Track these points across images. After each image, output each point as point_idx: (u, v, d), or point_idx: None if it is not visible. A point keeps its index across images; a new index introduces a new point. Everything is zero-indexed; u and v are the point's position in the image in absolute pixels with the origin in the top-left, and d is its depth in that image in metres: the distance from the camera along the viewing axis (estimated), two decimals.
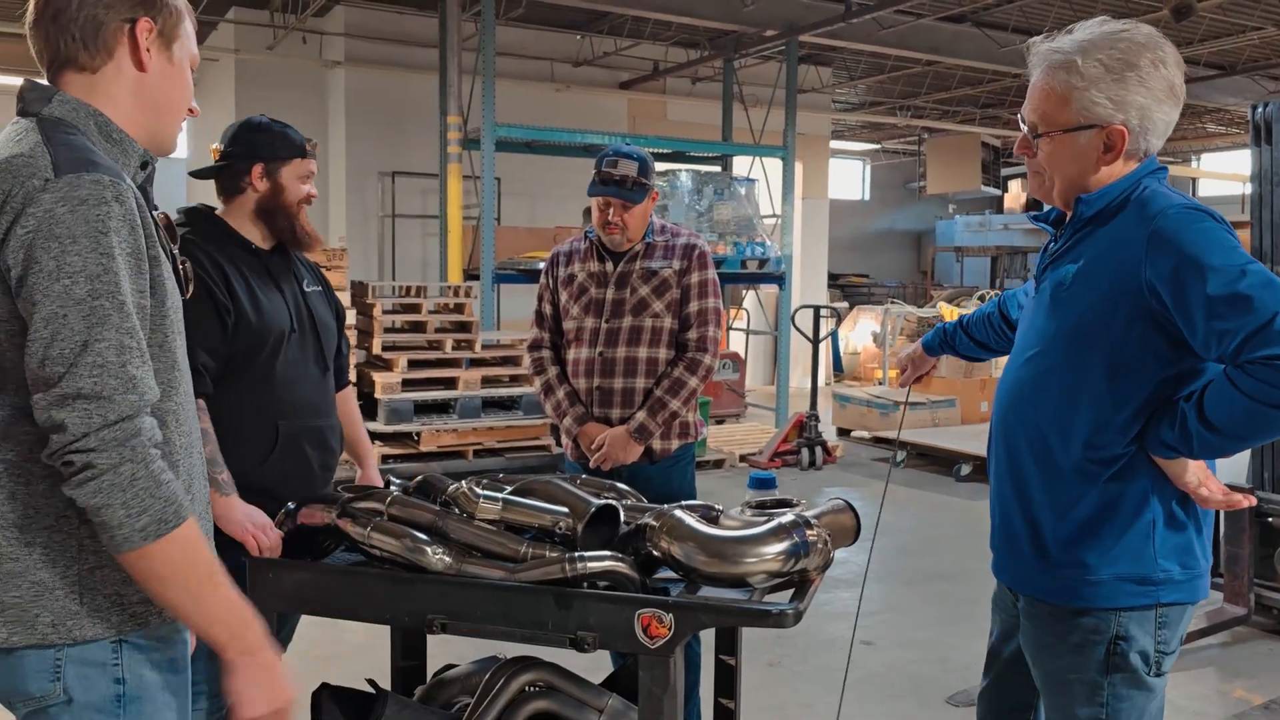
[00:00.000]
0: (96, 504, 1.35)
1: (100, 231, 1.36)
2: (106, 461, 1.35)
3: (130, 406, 1.37)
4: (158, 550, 1.39)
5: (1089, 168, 1.82)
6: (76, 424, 1.34)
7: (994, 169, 18.12)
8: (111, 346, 1.36)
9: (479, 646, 2.55)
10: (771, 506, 2.14)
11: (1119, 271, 1.75)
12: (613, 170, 3.03)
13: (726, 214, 8.91)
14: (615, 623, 1.88)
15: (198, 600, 1.44)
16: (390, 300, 7.29)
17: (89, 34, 1.49)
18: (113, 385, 1.36)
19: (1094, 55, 1.77)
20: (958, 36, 10.78)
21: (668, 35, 11.30)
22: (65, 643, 1.43)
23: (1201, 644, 4.31)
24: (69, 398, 1.34)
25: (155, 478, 1.38)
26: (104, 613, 1.44)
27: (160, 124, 1.58)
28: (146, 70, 1.53)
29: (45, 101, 1.48)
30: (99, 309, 1.36)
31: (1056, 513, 1.84)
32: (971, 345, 2.41)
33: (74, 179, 1.37)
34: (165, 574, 1.41)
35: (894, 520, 6.58)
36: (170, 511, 1.39)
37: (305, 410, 2.45)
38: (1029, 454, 1.88)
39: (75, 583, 1.43)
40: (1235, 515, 4.36)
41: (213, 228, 2.44)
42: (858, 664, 4.22)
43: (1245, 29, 10.92)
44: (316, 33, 10.65)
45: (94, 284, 1.36)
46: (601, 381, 3.07)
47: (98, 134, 1.49)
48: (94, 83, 1.51)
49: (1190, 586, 1.82)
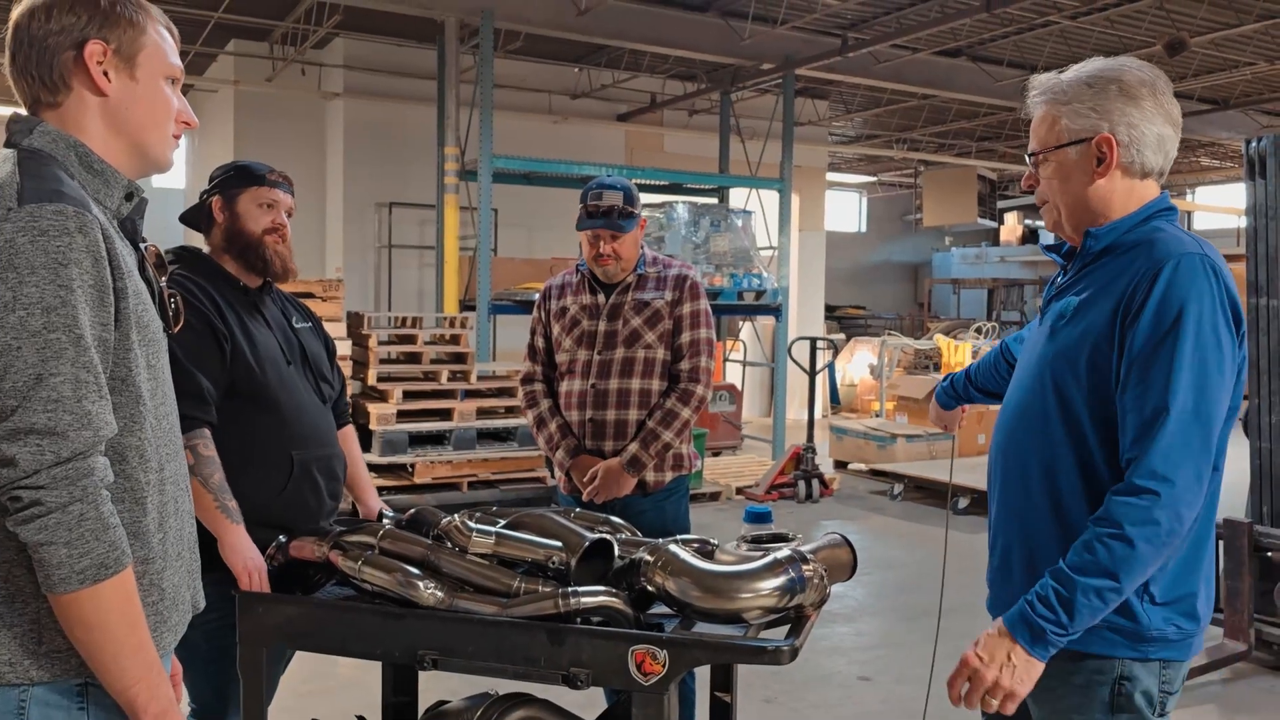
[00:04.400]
0: (40, 540, 1.31)
1: (60, 263, 1.33)
2: (55, 500, 1.31)
3: (84, 443, 1.33)
4: (93, 595, 1.34)
5: (1085, 183, 1.81)
6: (27, 460, 1.30)
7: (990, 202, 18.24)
8: (67, 381, 1.32)
9: (472, 683, 2.51)
10: (767, 541, 2.12)
11: (1116, 302, 1.73)
12: (599, 202, 3.04)
13: (723, 245, 8.93)
14: (608, 659, 1.85)
15: (121, 653, 1.38)
16: (386, 331, 7.28)
17: (43, 70, 1.47)
18: (67, 421, 1.32)
19: (1080, 78, 1.81)
20: (953, 70, 10.88)
21: (665, 68, 11.38)
22: (23, 683, 1.38)
23: (1202, 680, 4.27)
24: (20, 432, 1.30)
25: (103, 520, 1.35)
26: (63, 655, 1.40)
27: (143, 143, 1.54)
28: (108, 94, 1.49)
29: (27, 133, 1.47)
30: (54, 342, 1.32)
31: (1056, 551, 1.81)
32: (982, 396, 2.39)
33: (35, 209, 1.34)
34: (95, 621, 1.36)
35: (891, 554, 6.54)
36: (112, 557, 1.36)
37: (314, 440, 2.47)
38: (1027, 488, 1.85)
39: (33, 621, 1.38)
40: (1235, 550, 4.33)
41: (201, 264, 2.47)
42: (855, 699, 4.17)
43: (1238, 64, 11.03)
44: (316, 64, 10.73)
45: (50, 316, 1.32)
46: (594, 414, 3.05)
47: (79, 165, 1.47)
48: (63, 117, 1.49)
49: (1184, 645, 1.79)
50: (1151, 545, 1.63)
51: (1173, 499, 1.63)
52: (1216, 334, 1.68)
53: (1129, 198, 1.81)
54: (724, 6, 9.25)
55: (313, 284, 6.99)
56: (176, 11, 9.52)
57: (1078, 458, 1.78)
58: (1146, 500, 1.63)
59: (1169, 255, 1.71)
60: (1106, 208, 1.82)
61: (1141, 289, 1.70)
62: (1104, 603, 1.66)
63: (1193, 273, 1.69)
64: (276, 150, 10.07)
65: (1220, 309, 1.69)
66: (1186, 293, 1.67)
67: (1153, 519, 1.63)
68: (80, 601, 1.34)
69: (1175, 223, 1.82)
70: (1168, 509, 1.63)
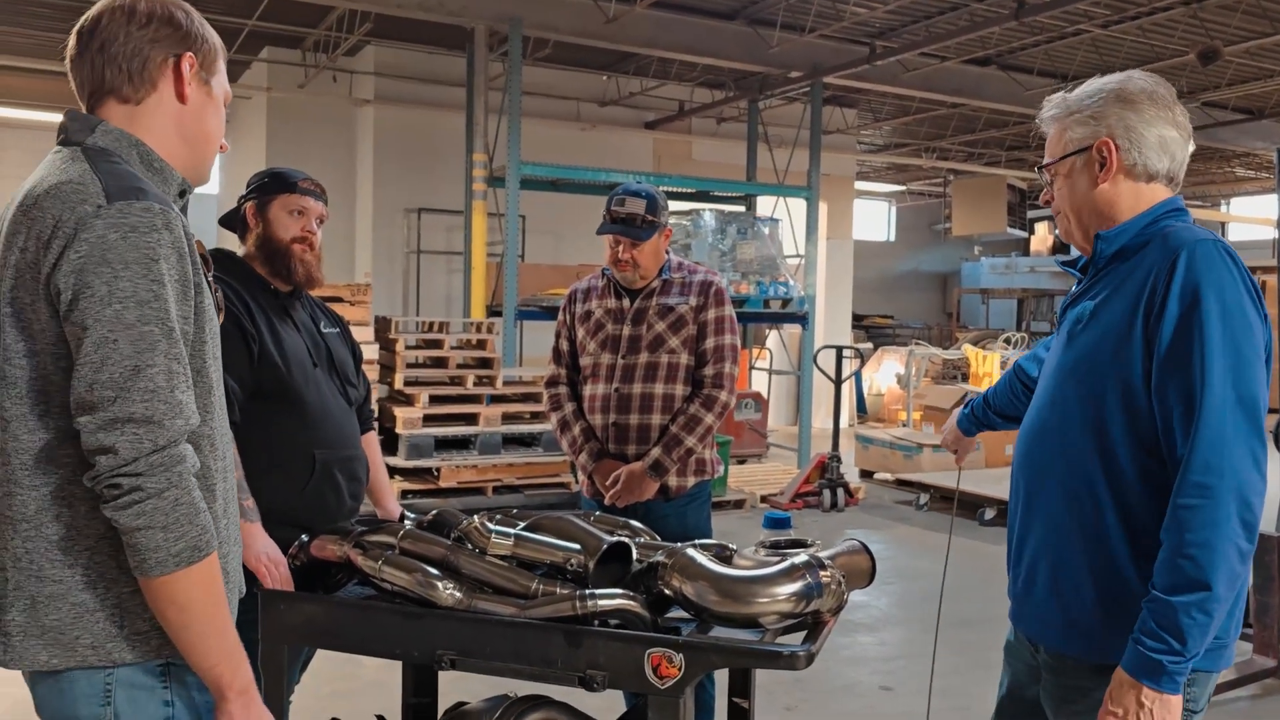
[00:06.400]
0: (138, 525, 1.37)
1: (151, 259, 1.39)
2: (154, 486, 1.37)
3: (178, 431, 1.39)
4: (186, 577, 1.40)
5: (1090, 188, 1.82)
6: (127, 448, 1.36)
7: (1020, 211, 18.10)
8: (161, 372, 1.39)
9: (491, 684, 2.52)
10: (786, 547, 2.11)
11: (1136, 297, 1.72)
12: (620, 209, 3.05)
13: (750, 253, 8.93)
14: (625, 662, 1.85)
15: (209, 632, 1.44)
16: (413, 335, 7.32)
17: (135, 67, 1.53)
18: (163, 410, 1.38)
19: (1085, 91, 1.84)
20: (983, 79, 10.82)
21: (693, 76, 11.40)
22: (105, 665, 1.44)
23: (1231, 696, 4.21)
24: (119, 422, 1.36)
25: (195, 505, 1.41)
26: (144, 635, 1.45)
27: (197, 155, 1.62)
28: (187, 103, 1.57)
29: (89, 131, 1.52)
30: (149, 335, 1.38)
31: (1083, 562, 1.78)
32: (1002, 421, 2.35)
33: (125, 206, 1.40)
34: (186, 602, 1.41)
35: (916, 564, 6.51)
36: (204, 540, 1.41)
37: (338, 441, 2.50)
38: (1052, 498, 1.83)
39: (115, 605, 1.44)
40: (1264, 564, 4.27)
41: (235, 266, 2.52)
42: (877, 710, 4.15)
43: (1273, 74, 10.90)
44: (347, 71, 10.83)
45: (144, 310, 1.38)
46: (617, 418, 3.06)
47: (139, 163, 1.53)
48: (136, 114, 1.55)
49: (1213, 656, 1.74)
50: (1230, 541, 1.58)
51: (1234, 488, 1.59)
52: (1245, 315, 1.65)
53: (1136, 201, 1.81)
54: (752, 15, 9.26)
55: (341, 288, 7.06)
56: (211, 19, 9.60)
57: (1103, 466, 1.75)
58: (1208, 498, 1.59)
59: (1182, 244, 1.70)
60: (1113, 210, 1.82)
61: (1161, 280, 1.68)
62: (1209, 615, 1.60)
63: (1209, 258, 1.67)
64: (307, 156, 10.18)
65: (1244, 288, 1.67)
66: (1206, 276, 1.65)
67: (1221, 515, 1.58)
68: (174, 583, 1.40)
69: (1187, 221, 1.81)
70: (1232, 499, 1.59)
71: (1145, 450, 1.71)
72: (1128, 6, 8.80)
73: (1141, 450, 1.72)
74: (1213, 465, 1.59)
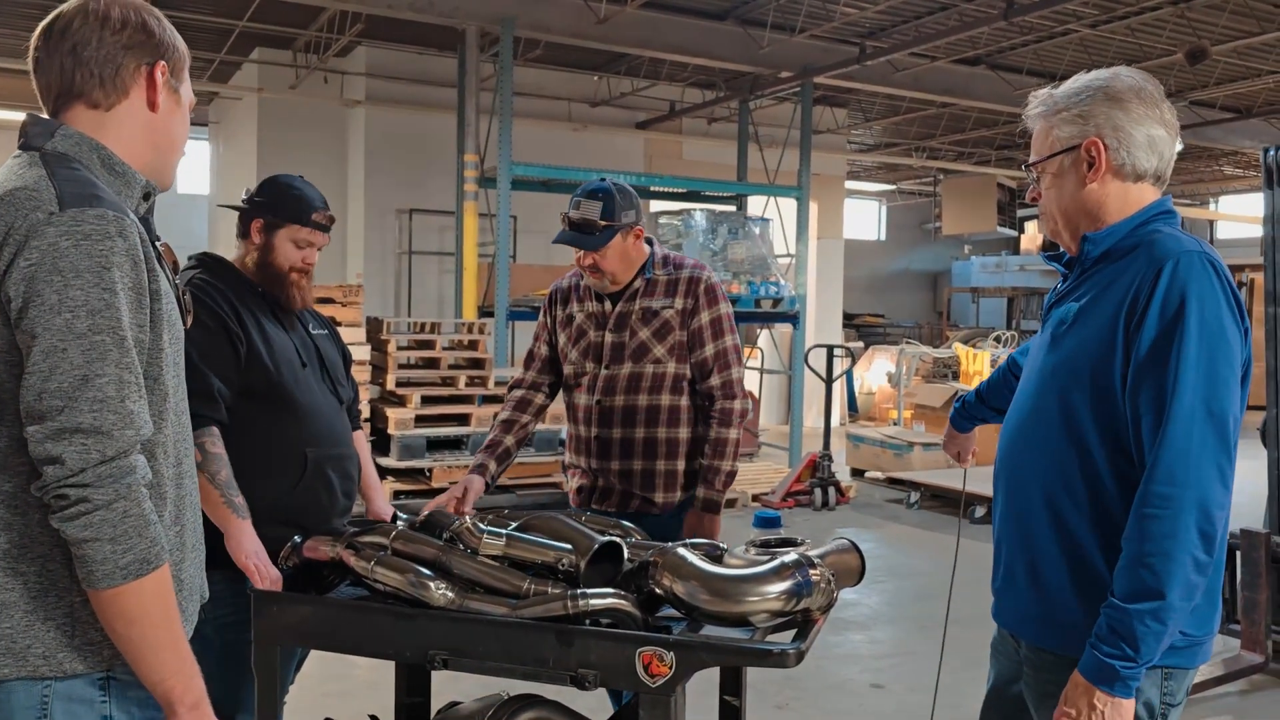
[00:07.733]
0: (85, 537, 1.35)
1: (103, 266, 1.37)
2: (102, 497, 1.34)
3: (127, 442, 1.37)
4: (135, 590, 1.37)
5: (1078, 188, 1.82)
6: (74, 458, 1.33)
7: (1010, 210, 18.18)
8: (111, 381, 1.36)
9: (484, 684, 2.54)
10: (776, 545, 2.13)
11: (1119, 304, 1.73)
12: (575, 213, 2.81)
13: (741, 253, 8.95)
14: (616, 660, 1.87)
15: (160, 645, 1.41)
16: (405, 336, 7.32)
17: (108, 73, 1.51)
18: (112, 420, 1.36)
19: (1070, 88, 1.83)
20: (972, 79, 10.86)
21: (684, 76, 11.41)
22: (55, 676, 1.41)
23: (1218, 692, 4.24)
24: (67, 431, 1.34)
25: (145, 517, 1.38)
26: (95, 646, 1.43)
27: (163, 161, 1.61)
28: (158, 110, 1.56)
29: (48, 136, 1.49)
30: (99, 344, 1.36)
31: (1059, 558, 1.81)
32: (995, 415, 2.35)
33: (78, 213, 1.38)
34: (136, 615, 1.39)
35: (907, 562, 6.53)
36: (153, 553, 1.39)
37: (329, 439, 2.51)
38: (1030, 497, 1.86)
39: (67, 615, 1.42)
40: (1252, 561, 4.30)
41: (224, 271, 2.52)
42: (868, 708, 4.17)
43: (1260, 73, 10.96)
44: (338, 72, 10.82)
45: (95, 319, 1.36)
46: (600, 431, 2.87)
47: (100, 166, 1.50)
48: (104, 119, 1.53)
49: (1188, 654, 1.77)
50: (1187, 552, 1.61)
51: (1196, 499, 1.61)
52: (1222, 329, 1.67)
53: (1124, 201, 1.82)
54: (743, 15, 9.28)
55: (333, 289, 7.05)
56: (202, 20, 9.64)
57: (1082, 467, 1.77)
58: (1169, 508, 1.61)
59: (1169, 255, 1.71)
60: (1101, 211, 1.82)
61: (1144, 291, 1.69)
62: (1163, 624, 1.62)
63: (1193, 270, 1.68)
64: (299, 157, 10.17)
65: (1225, 303, 1.69)
66: (1189, 290, 1.67)
67: (1180, 525, 1.60)
68: (123, 596, 1.37)
69: (1175, 225, 1.82)
70: (1193, 511, 1.61)
71: (1121, 453, 1.74)
72: (1116, 6, 8.85)
73: (1118, 453, 1.74)
74: (1177, 476, 1.62)
